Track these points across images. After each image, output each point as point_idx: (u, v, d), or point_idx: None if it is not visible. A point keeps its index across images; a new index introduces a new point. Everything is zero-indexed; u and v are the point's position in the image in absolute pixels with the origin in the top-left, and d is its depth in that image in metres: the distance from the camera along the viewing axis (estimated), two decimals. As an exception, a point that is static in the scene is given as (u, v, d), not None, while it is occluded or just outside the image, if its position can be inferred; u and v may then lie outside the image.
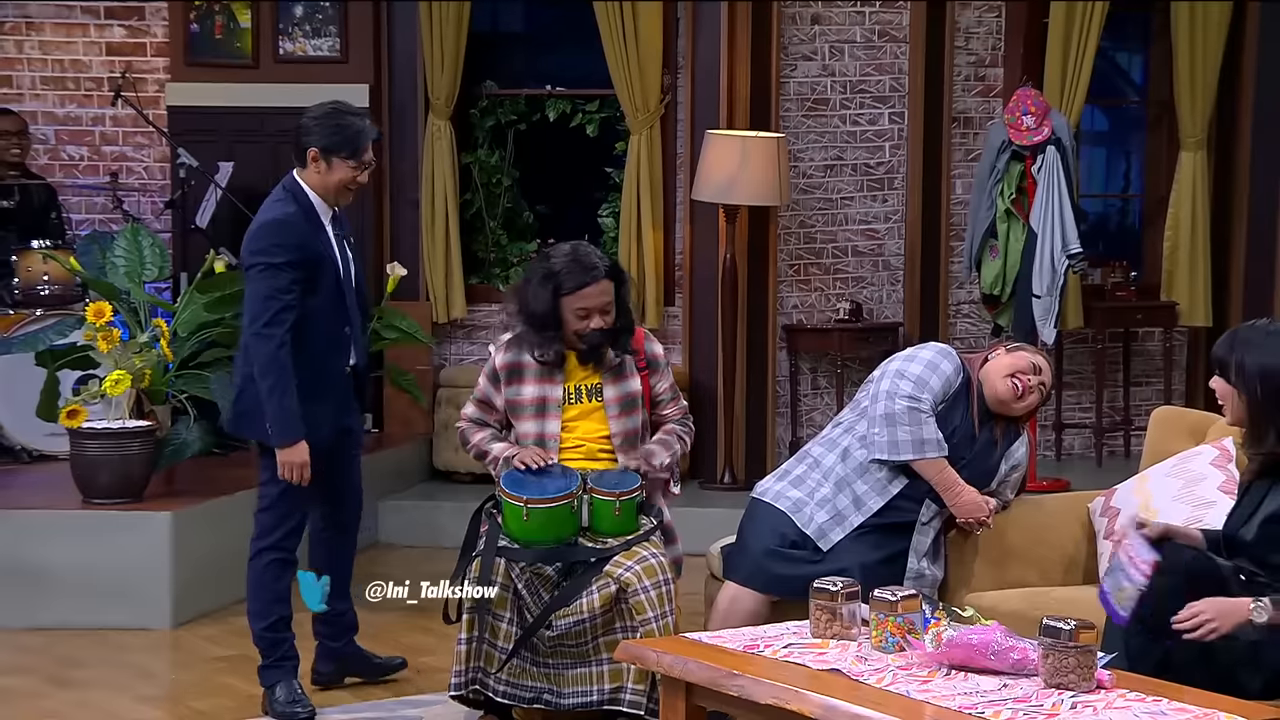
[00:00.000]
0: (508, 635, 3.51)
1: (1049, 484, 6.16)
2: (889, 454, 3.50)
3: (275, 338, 3.64)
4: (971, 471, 3.56)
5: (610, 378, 3.65)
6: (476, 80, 6.86)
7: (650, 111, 6.56)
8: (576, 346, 3.60)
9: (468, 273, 6.78)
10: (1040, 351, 3.73)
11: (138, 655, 4.50)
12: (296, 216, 3.71)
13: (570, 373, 3.65)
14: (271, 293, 3.65)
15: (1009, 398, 3.55)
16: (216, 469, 5.41)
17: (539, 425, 3.63)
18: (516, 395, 3.66)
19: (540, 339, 3.56)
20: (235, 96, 6.58)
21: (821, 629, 2.95)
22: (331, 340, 3.81)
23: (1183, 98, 6.78)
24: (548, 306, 3.54)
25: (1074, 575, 3.75)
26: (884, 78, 6.69)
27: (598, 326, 3.56)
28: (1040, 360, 3.62)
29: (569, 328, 3.57)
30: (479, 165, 6.89)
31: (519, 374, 3.66)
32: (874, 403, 3.53)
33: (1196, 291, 6.82)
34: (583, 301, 3.55)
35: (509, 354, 3.67)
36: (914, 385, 3.52)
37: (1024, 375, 3.56)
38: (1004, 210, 6.19)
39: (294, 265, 3.66)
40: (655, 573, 3.46)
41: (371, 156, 3.78)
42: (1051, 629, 2.63)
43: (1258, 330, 2.98)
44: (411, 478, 6.46)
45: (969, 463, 3.55)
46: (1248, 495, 3.01)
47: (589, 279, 3.55)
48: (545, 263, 3.63)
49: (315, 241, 3.72)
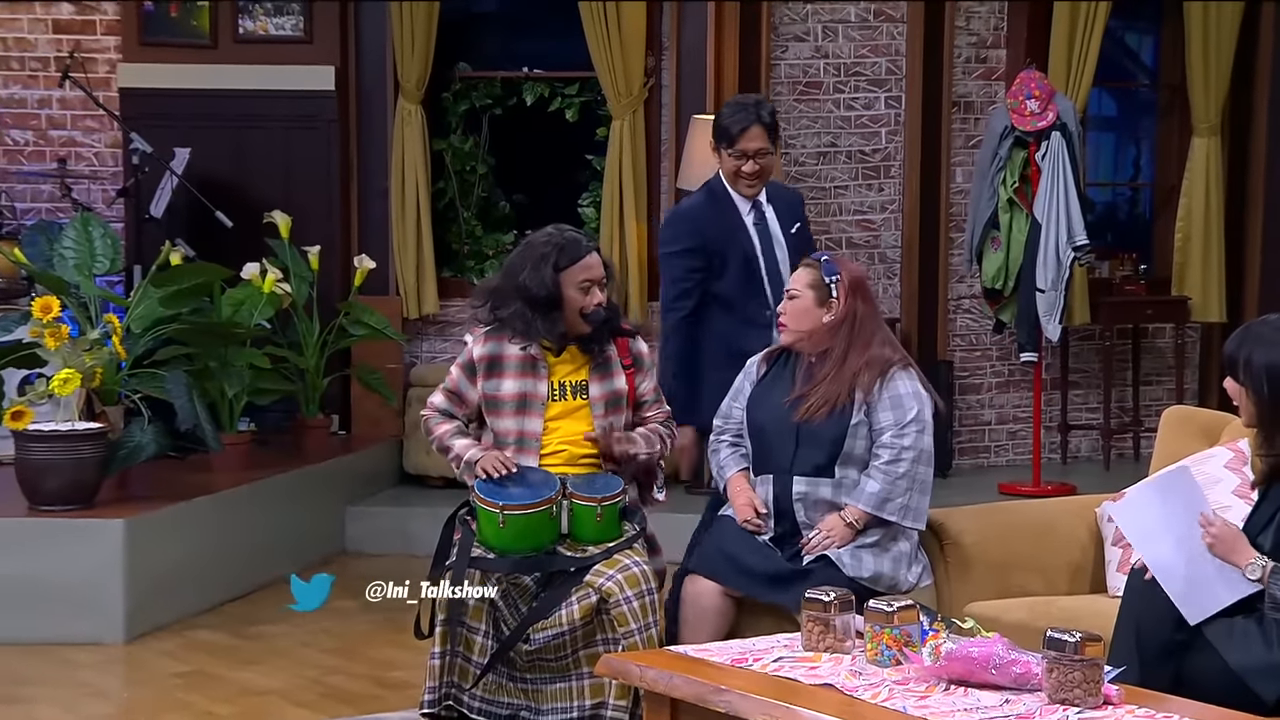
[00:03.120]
0: (483, 649, 3.51)
1: (1054, 488, 6.18)
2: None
3: (669, 321, 4.05)
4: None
5: (597, 374, 3.66)
6: (449, 62, 6.86)
7: (633, 95, 6.56)
8: (581, 329, 3.62)
9: (440, 266, 6.78)
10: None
11: (89, 672, 4.48)
12: (701, 207, 4.11)
13: (555, 368, 3.66)
14: (669, 279, 4.07)
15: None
16: (173, 473, 5.40)
17: (519, 423, 3.64)
18: (496, 390, 3.66)
19: (547, 321, 3.58)
20: (192, 78, 6.56)
21: (814, 641, 2.95)
22: (744, 322, 4.02)
23: (1196, 81, 6.82)
24: (551, 285, 3.57)
25: (1080, 584, 3.76)
26: (880, 60, 6.71)
27: (599, 302, 3.60)
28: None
29: (572, 305, 3.60)
30: (452, 152, 6.89)
31: (499, 367, 3.66)
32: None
33: (1210, 285, 6.86)
34: (585, 273, 3.60)
35: (489, 345, 3.67)
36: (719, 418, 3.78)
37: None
38: (1006, 200, 6.21)
39: (691, 252, 4.02)
40: (638, 582, 3.47)
41: (752, 145, 3.99)
42: (1056, 641, 2.64)
43: (1269, 325, 3.00)
44: (381, 482, 6.45)
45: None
46: (1265, 501, 3.02)
47: (583, 250, 3.61)
48: (532, 249, 3.65)
49: (721, 229, 4.03)
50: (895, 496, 3.54)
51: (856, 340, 3.59)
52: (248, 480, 5.49)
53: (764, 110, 4.03)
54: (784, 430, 3.60)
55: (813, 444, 3.57)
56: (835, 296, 3.62)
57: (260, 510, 5.48)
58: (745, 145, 4.00)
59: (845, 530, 3.55)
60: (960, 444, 6.84)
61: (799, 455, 3.58)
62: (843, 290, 3.62)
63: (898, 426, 3.55)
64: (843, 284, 3.62)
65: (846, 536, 3.54)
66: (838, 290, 3.62)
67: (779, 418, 3.61)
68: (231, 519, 5.30)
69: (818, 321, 3.62)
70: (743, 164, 4.02)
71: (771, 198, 4.12)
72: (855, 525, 3.55)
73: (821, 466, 3.57)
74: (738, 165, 4.03)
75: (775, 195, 4.14)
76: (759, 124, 3.99)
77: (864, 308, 3.63)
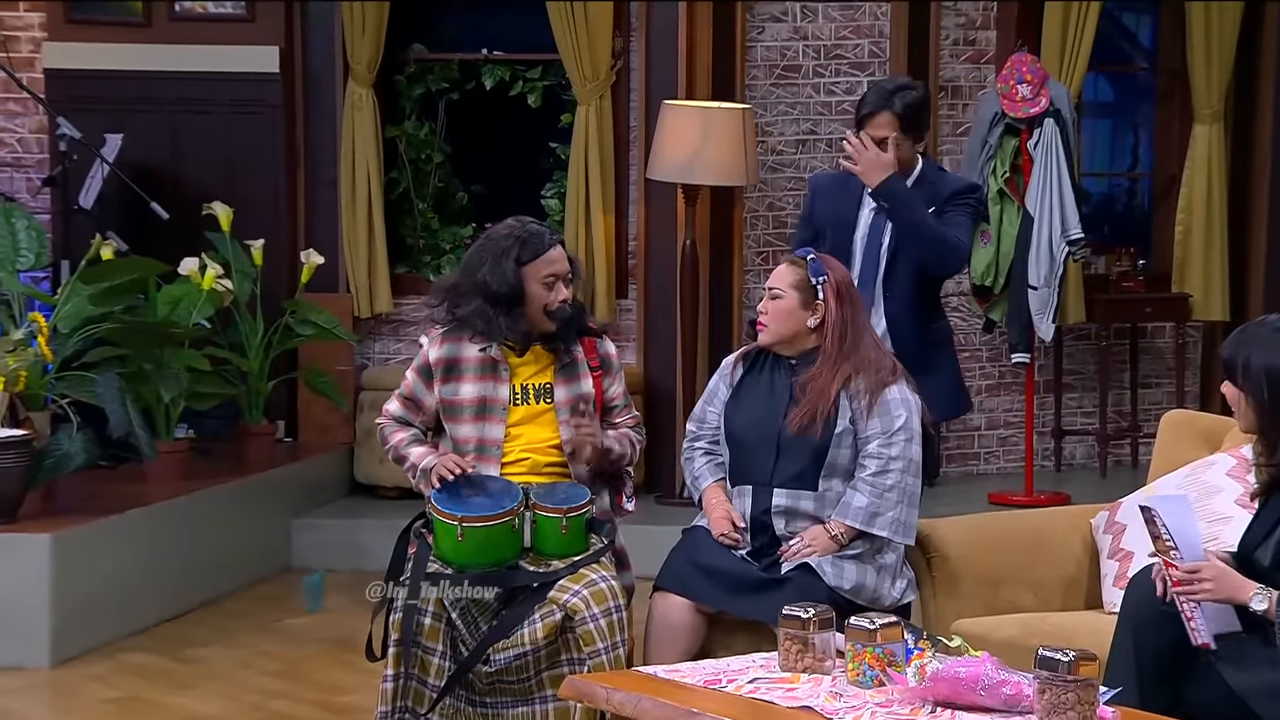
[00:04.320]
0: (439, 671, 3.50)
1: (1047, 497, 6.23)
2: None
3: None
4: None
5: (562, 377, 3.66)
6: (403, 43, 6.84)
7: (599, 79, 6.57)
8: (545, 326, 3.62)
9: (393, 261, 6.76)
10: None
11: (11, 699, 4.45)
12: (829, 180, 4.35)
13: (517, 370, 3.66)
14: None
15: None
16: (103, 484, 5.37)
17: (478, 429, 3.63)
18: (453, 395, 3.65)
19: (509, 319, 3.58)
20: (124, 59, 6.53)
21: (792, 661, 2.96)
22: None
23: (1197, 64, 6.87)
24: (513, 280, 3.57)
25: (1074, 599, 3.79)
26: (862, 41, 6.74)
27: (565, 298, 3.61)
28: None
29: (536, 302, 3.60)
30: (406, 140, 6.88)
31: (457, 370, 3.66)
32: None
33: (1212, 282, 6.91)
34: (549, 268, 3.60)
35: (445, 347, 3.67)
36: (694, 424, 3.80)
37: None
38: (997, 191, 6.25)
39: (805, 221, 4.29)
40: (605, 598, 3.47)
41: (878, 134, 4.05)
42: (1048, 660, 2.65)
43: (1267, 326, 3.02)
44: (330, 493, 6.44)
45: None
46: (1265, 511, 3.05)
47: (547, 244, 3.62)
48: (492, 243, 3.66)
49: (836, 206, 4.18)
50: (885, 510, 3.55)
51: (846, 345, 3.60)
52: (185, 491, 5.46)
53: (899, 97, 4.08)
54: (764, 439, 3.60)
55: (794, 454, 3.58)
56: (821, 298, 3.63)
57: (199, 524, 5.45)
58: (872, 132, 4.08)
59: (829, 542, 3.56)
60: (948, 450, 6.87)
61: (779, 466, 3.59)
62: (829, 291, 3.63)
63: (885, 435, 3.56)
64: (830, 285, 3.64)
65: (829, 549, 3.55)
66: (824, 291, 3.63)
67: (758, 426, 3.62)
68: (167, 533, 5.27)
69: (801, 324, 3.63)
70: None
71: (920, 183, 4.13)
72: (839, 540, 3.56)
73: (804, 478, 3.58)
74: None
75: (924, 183, 4.14)
76: (887, 110, 4.07)
77: (851, 310, 3.64)
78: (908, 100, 4.09)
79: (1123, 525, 3.73)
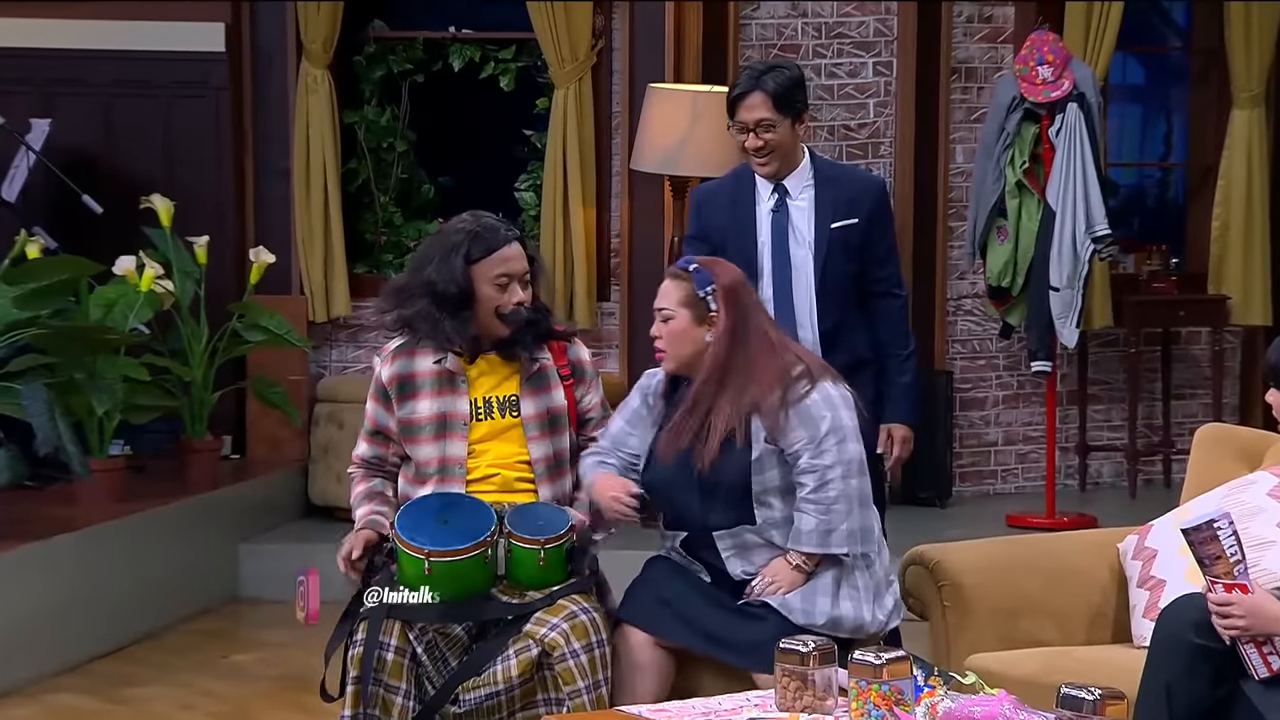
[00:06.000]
0: (403, 711, 3.49)
1: (1071, 520, 6.23)
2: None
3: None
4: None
5: (529, 389, 3.66)
6: (362, 20, 6.85)
7: (579, 60, 6.58)
8: (498, 331, 3.62)
9: (351, 260, 6.77)
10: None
11: (-70, 743, 4.45)
12: (718, 188, 4.25)
13: (476, 382, 3.66)
14: None
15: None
16: (30, 506, 5.37)
17: (439, 448, 3.63)
18: (410, 414, 3.65)
19: (456, 322, 3.58)
20: (54, 36, 6.53)
21: (790, 700, 2.97)
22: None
23: (1236, 44, 6.89)
24: (461, 279, 3.57)
25: (1100, 632, 3.79)
26: (867, 19, 6.76)
27: (520, 300, 3.60)
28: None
29: (487, 305, 3.60)
30: (366, 126, 6.88)
31: (411, 387, 3.66)
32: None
33: (1252, 282, 6.93)
34: (502, 266, 3.60)
35: (397, 364, 3.67)
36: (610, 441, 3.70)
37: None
38: (1015, 183, 6.26)
39: (695, 241, 4.16)
40: (587, 632, 3.46)
41: (751, 117, 4.01)
42: (1071, 699, 2.66)
43: None
44: (281, 514, 6.43)
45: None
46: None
47: (500, 240, 3.62)
48: (443, 238, 3.66)
49: (729, 216, 4.12)
50: (836, 525, 3.50)
51: (735, 356, 3.53)
52: (121, 514, 5.46)
53: (771, 76, 4.05)
54: (685, 485, 3.55)
55: (717, 495, 3.53)
56: (714, 310, 3.57)
57: (136, 549, 5.44)
58: (744, 116, 4.04)
59: (793, 574, 3.51)
60: (961, 468, 6.88)
61: (706, 510, 3.55)
62: (721, 300, 3.57)
63: (813, 444, 3.49)
64: (719, 294, 3.57)
65: (795, 581, 3.50)
66: (715, 302, 3.57)
67: (675, 470, 3.56)
68: (101, 560, 5.26)
69: (700, 343, 3.57)
70: (745, 139, 4.07)
71: (819, 183, 4.11)
72: (804, 568, 3.52)
73: (738, 514, 3.54)
74: (741, 141, 4.09)
75: (827, 180, 4.12)
76: (759, 91, 4.03)
77: (740, 316, 3.56)
78: (780, 79, 4.05)
79: (1153, 550, 3.74)
